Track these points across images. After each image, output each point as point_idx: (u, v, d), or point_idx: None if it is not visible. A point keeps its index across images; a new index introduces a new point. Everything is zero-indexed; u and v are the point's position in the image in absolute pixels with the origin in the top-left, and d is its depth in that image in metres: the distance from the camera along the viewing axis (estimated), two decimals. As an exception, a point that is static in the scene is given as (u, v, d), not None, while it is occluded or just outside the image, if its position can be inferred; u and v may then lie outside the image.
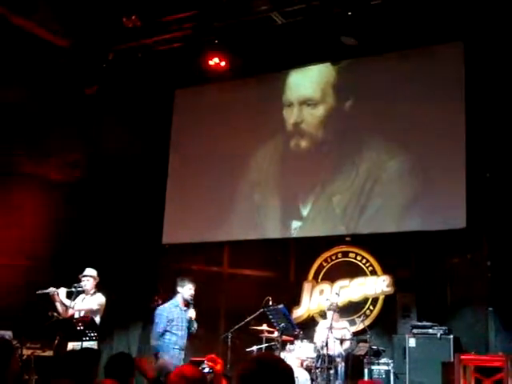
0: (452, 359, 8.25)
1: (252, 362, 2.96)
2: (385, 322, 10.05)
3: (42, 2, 9.29)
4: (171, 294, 8.86)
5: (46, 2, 9.33)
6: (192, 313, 8.56)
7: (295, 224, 10.27)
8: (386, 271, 10.21)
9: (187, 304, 8.58)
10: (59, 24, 9.68)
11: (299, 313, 10.67)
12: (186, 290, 8.64)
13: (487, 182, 8.83)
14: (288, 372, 2.91)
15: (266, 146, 10.80)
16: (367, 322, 9.92)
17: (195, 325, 8.57)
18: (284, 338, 8.86)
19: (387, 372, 9.05)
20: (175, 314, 8.48)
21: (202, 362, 6.11)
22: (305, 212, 10.21)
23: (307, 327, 10.02)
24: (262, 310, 8.87)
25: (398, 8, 8.80)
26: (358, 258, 10.53)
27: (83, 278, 8.44)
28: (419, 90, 9.55)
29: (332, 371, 8.70)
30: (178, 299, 8.66)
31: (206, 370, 5.52)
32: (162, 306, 8.72)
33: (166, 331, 8.38)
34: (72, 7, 9.45)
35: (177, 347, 8.39)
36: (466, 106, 9.08)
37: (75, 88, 10.58)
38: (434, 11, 8.74)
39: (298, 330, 9.06)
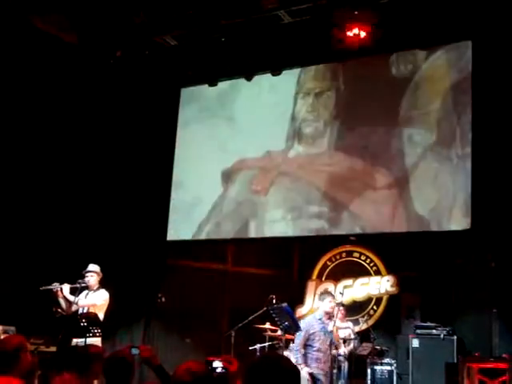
0: (455, 360, 8.24)
1: (258, 360, 2.97)
2: (388, 322, 10.05)
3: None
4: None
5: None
6: (331, 326, 8.22)
7: (299, 222, 10.23)
8: (390, 271, 10.22)
9: (330, 317, 8.27)
10: (67, 20, 9.67)
11: (303, 312, 10.69)
12: (326, 303, 8.44)
13: (492, 183, 8.81)
14: (293, 371, 2.92)
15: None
16: (371, 322, 9.94)
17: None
18: (287, 336, 8.85)
19: (390, 372, 9.05)
20: (316, 327, 8.18)
21: (217, 361, 6.10)
22: (308, 210, 10.18)
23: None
24: (265, 308, 8.85)
25: (406, 7, 8.78)
26: (363, 257, 10.54)
27: (87, 274, 8.44)
28: (425, 89, 9.53)
29: (335, 371, 8.68)
30: (320, 312, 8.41)
31: (220, 369, 5.51)
32: (303, 319, 8.62)
33: (306, 345, 8.18)
34: (80, 3, 9.44)
35: (318, 360, 8.04)
36: (473, 106, 9.06)
37: (82, 83, 10.61)
38: (443, 10, 8.72)
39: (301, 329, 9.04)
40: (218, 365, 6.02)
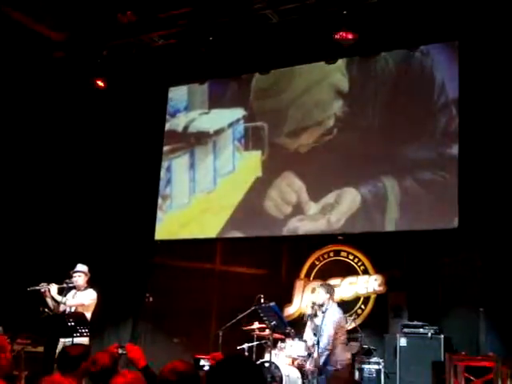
0: (443, 359, 8.27)
1: (220, 362, 3.00)
2: (376, 321, 10.05)
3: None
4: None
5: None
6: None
7: (287, 222, 10.25)
8: (377, 270, 10.23)
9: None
10: (54, 18, 9.64)
11: (291, 311, 10.68)
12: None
13: (479, 182, 8.85)
14: (256, 373, 2.93)
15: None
16: (358, 321, 9.91)
17: None
18: (275, 335, 8.86)
19: (378, 371, 9.06)
20: None
21: (205, 359, 6.11)
22: (297, 210, 10.21)
23: (298, 325, 10.01)
24: (253, 307, 8.86)
25: (394, 7, 8.81)
26: (350, 256, 10.55)
27: (74, 274, 8.42)
28: (413, 90, 9.57)
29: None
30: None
31: (207, 367, 5.53)
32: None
33: None
34: (67, 2, 9.41)
35: None
36: (460, 106, 9.11)
37: (66, 84, 10.59)
38: (430, 10, 8.75)
39: (289, 328, 9.04)
40: (205, 363, 6.03)
